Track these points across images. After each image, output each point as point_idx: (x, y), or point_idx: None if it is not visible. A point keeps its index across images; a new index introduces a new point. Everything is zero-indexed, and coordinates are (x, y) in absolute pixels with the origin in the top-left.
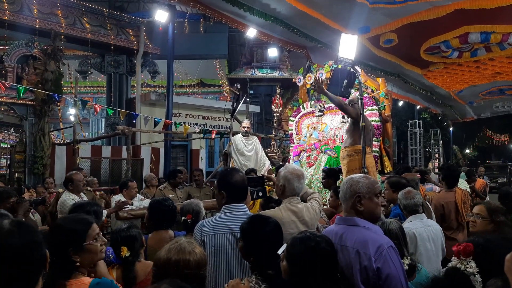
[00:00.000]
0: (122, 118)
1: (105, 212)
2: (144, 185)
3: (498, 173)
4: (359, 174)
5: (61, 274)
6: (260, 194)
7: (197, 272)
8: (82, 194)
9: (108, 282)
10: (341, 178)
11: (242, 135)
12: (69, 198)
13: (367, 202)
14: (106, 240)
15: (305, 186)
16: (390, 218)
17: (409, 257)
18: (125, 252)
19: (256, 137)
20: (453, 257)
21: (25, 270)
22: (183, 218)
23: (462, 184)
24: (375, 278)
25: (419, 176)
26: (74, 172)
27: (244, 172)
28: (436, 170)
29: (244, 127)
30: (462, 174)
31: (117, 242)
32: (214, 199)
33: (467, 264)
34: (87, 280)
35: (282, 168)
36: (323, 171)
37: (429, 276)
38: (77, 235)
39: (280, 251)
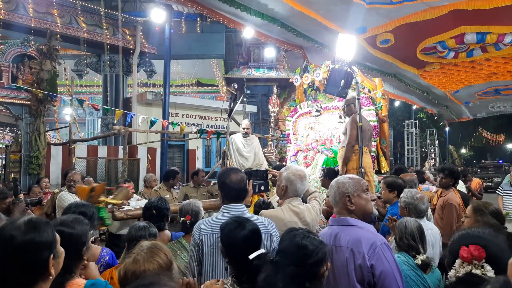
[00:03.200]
0: (116, 120)
1: None
2: (143, 185)
3: (494, 173)
4: (345, 175)
5: (64, 275)
6: (263, 188)
7: None
8: None
9: (103, 283)
10: None
11: (242, 136)
12: (69, 196)
13: (357, 199)
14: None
15: (308, 183)
16: (409, 218)
17: (424, 255)
18: None
19: (255, 137)
20: (459, 262)
21: (21, 268)
22: (182, 219)
23: (459, 184)
24: (370, 276)
25: (415, 176)
26: (73, 172)
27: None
28: (433, 169)
29: (244, 128)
30: None
31: (145, 239)
32: (211, 200)
33: (483, 268)
34: (82, 281)
35: (284, 168)
36: (323, 170)
37: (440, 278)
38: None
39: (251, 256)
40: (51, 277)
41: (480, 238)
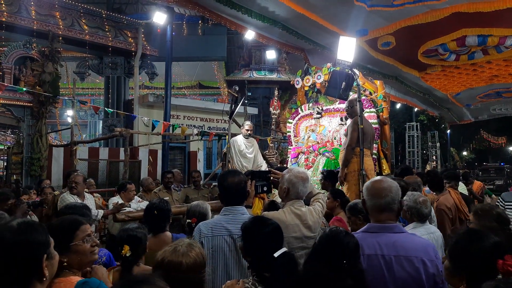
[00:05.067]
0: (122, 116)
1: (101, 212)
2: (141, 188)
3: (495, 176)
4: (387, 178)
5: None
6: (265, 188)
7: (190, 276)
8: (87, 195)
9: (96, 282)
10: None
11: (245, 137)
12: (70, 197)
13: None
14: (98, 241)
15: (311, 184)
16: None
17: None
18: (126, 250)
19: (254, 140)
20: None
21: (14, 268)
22: (187, 220)
23: (460, 186)
24: (440, 282)
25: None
26: (75, 173)
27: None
28: None
29: (247, 130)
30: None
31: (122, 240)
32: (212, 202)
33: None
34: (75, 279)
35: (287, 170)
36: (322, 173)
37: None
38: (63, 235)
39: (276, 254)
40: (45, 279)
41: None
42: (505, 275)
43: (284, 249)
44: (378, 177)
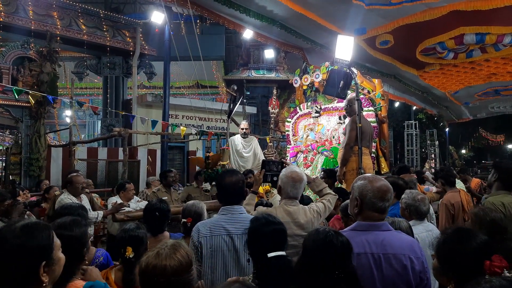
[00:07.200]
0: (121, 115)
1: (101, 213)
2: (144, 186)
3: None
4: (377, 176)
5: (64, 277)
6: (275, 178)
7: (176, 279)
8: (82, 196)
9: (102, 285)
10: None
11: (241, 137)
12: (67, 198)
13: None
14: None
15: (323, 184)
16: (397, 218)
17: None
18: (129, 252)
19: (254, 138)
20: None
21: (10, 272)
22: (183, 220)
23: (458, 184)
24: (425, 279)
25: (415, 176)
26: (74, 174)
27: (242, 173)
28: (433, 170)
29: (242, 129)
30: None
31: (124, 241)
32: (212, 201)
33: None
34: (81, 283)
35: (285, 168)
36: (323, 171)
37: None
38: (85, 238)
39: (270, 255)
40: (44, 285)
41: (491, 244)
42: (492, 276)
43: (281, 253)
44: (378, 177)
